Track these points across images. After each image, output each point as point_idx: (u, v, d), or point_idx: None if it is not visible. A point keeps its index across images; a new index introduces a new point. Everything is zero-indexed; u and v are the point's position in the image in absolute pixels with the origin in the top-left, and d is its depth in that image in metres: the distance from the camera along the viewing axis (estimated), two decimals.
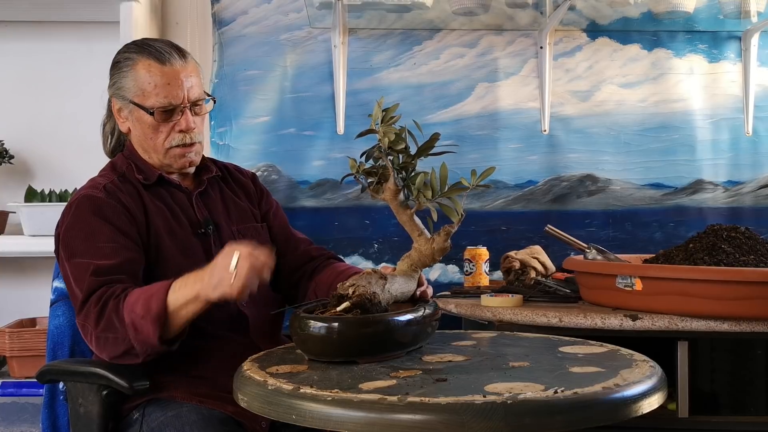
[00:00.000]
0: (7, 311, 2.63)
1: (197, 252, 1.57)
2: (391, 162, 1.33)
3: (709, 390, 2.09)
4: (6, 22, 2.74)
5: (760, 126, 2.79)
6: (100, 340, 1.41)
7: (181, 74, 1.57)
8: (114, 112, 1.65)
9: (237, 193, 1.75)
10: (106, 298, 1.41)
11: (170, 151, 1.60)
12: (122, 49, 1.64)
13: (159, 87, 1.55)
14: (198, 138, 1.62)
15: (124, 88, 1.59)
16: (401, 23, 2.76)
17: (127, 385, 1.43)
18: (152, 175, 1.62)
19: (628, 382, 1.07)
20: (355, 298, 1.26)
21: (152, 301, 1.36)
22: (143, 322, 1.36)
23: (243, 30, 2.77)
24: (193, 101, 1.59)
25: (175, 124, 1.58)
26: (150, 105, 1.56)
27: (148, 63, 1.56)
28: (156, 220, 1.57)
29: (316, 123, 2.76)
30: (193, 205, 1.63)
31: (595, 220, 2.77)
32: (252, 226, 1.71)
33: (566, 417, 0.99)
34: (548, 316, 1.94)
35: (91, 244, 1.48)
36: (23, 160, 2.75)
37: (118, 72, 1.61)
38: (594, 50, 2.80)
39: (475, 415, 0.96)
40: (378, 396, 1.02)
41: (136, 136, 1.63)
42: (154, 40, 1.63)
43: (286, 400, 1.07)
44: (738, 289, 1.79)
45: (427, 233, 1.38)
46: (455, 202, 1.32)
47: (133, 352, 1.40)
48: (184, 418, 1.42)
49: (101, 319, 1.40)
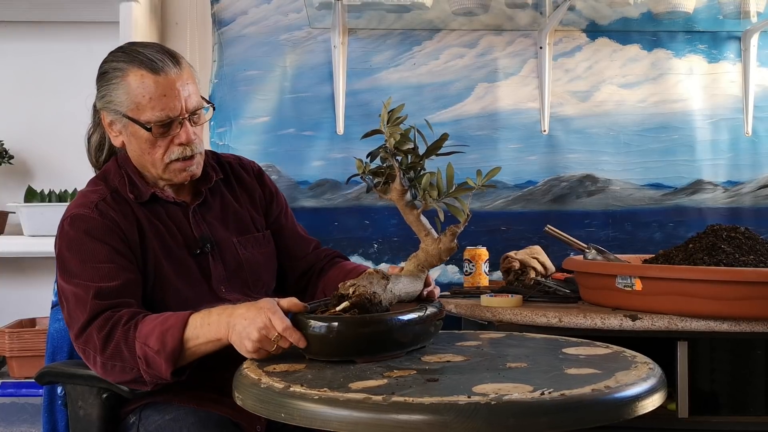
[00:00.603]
0: (7, 311, 2.63)
1: (194, 274, 1.51)
2: (398, 162, 1.33)
3: (709, 390, 2.09)
4: (6, 22, 2.74)
5: (759, 126, 2.79)
6: (107, 366, 1.37)
7: (176, 83, 1.46)
8: (105, 126, 1.54)
9: (239, 198, 1.66)
10: (113, 325, 1.36)
11: (170, 166, 1.50)
12: (108, 58, 1.52)
13: (154, 99, 1.44)
14: (199, 149, 1.52)
15: (115, 102, 1.48)
16: (401, 23, 2.75)
17: (127, 389, 1.43)
18: (145, 193, 1.53)
19: (620, 385, 1.07)
20: (354, 298, 1.26)
21: (168, 337, 1.32)
22: (157, 358, 1.32)
23: (243, 30, 2.77)
24: (191, 111, 1.49)
25: (174, 137, 1.48)
26: (146, 119, 1.45)
27: (140, 73, 1.44)
28: (152, 240, 1.50)
29: (315, 123, 2.76)
30: (189, 222, 1.56)
31: (594, 221, 2.76)
32: (252, 237, 1.63)
33: (552, 418, 0.98)
34: (548, 316, 1.94)
35: (88, 265, 1.42)
36: (23, 160, 2.75)
37: (107, 84, 1.49)
38: (594, 50, 2.80)
39: (458, 415, 0.96)
40: (363, 395, 1.02)
41: (132, 151, 1.53)
42: (143, 46, 1.50)
43: (277, 398, 1.08)
44: (738, 289, 1.79)
45: (434, 233, 1.38)
46: (461, 202, 1.32)
47: (141, 380, 1.37)
48: (182, 421, 1.41)
49: (108, 346, 1.36)
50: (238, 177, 1.69)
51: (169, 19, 2.79)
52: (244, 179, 1.69)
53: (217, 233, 1.58)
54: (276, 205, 1.72)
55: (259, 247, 1.63)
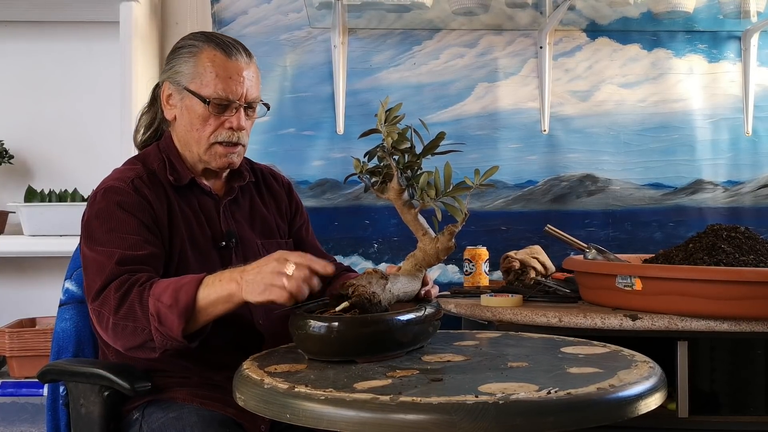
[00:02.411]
0: (7, 311, 2.63)
1: (215, 264, 1.52)
2: (395, 161, 1.33)
3: (709, 390, 2.09)
4: (6, 22, 2.74)
5: (759, 126, 2.79)
6: (118, 327, 1.36)
7: (244, 71, 1.54)
8: (162, 99, 1.59)
9: (267, 204, 1.70)
10: (130, 285, 1.36)
11: (213, 147, 1.55)
12: (188, 36, 1.60)
13: (220, 78, 1.52)
14: (244, 140, 1.58)
15: (181, 73, 1.55)
16: (401, 23, 2.76)
17: (129, 387, 1.42)
18: (185, 177, 1.57)
19: (624, 383, 1.07)
20: (354, 298, 1.26)
21: (181, 293, 1.32)
22: (169, 313, 1.31)
23: (243, 30, 2.77)
24: (249, 102, 1.56)
25: (226, 120, 1.54)
26: (207, 94, 1.52)
27: (214, 53, 1.53)
28: (180, 225, 1.52)
29: (315, 123, 2.76)
30: (219, 215, 1.59)
31: (594, 220, 2.77)
32: (276, 242, 1.66)
33: (558, 417, 0.98)
34: (548, 316, 1.94)
35: (115, 235, 1.43)
36: (23, 160, 2.75)
37: (178, 57, 1.57)
38: (594, 50, 2.80)
39: (466, 415, 0.96)
40: (370, 395, 1.02)
41: (180, 126, 1.58)
42: (222, 34, 1.60)
43: (281, 399, 1.07)
44: (738, 289, 1.79)
45: (431, 232, 1.37)
46: (459, 201, 1.32)
47: (151, 345, 1.35)
48: (185, 420, 1.41)
49: (122, 306, 1.35)
50: (269, 184, 1.74)
51: (169, 19, 2.79)
52: (273, 187, 1.74)
53: (243, 232, 1.61)
54: (299, 218, 1.76)
55: None
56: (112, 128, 2.55)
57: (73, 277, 1.71)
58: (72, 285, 1.70)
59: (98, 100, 2.71)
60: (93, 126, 2.74)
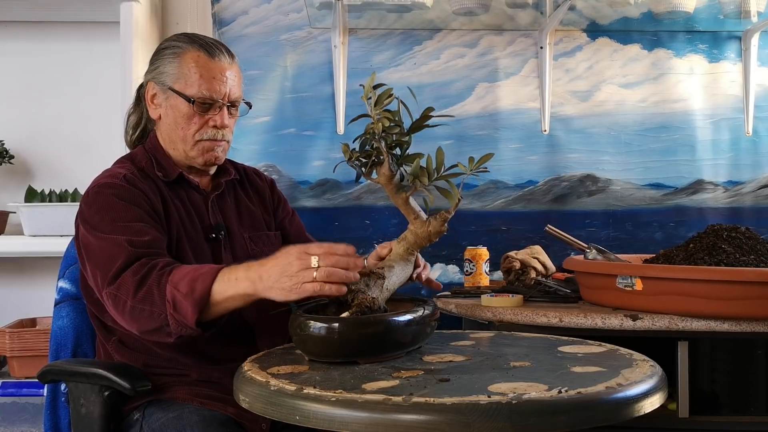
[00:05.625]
0: (7, 311, 2.63)
1: (206, 256, 1.56)
2: (385, 143, 1.32)
3: (709, 390, 2.09)
4: (6, 22, 2.74)
5: (760, 126, 2.79)
6: (135, 311, 1.36)
7: (227, 71, 1.58)
8: (147, 99, 1.63)
9: (252, 199, 1.74)
10: (149, 269, 1.37)
11: (199, 144, 1.59)
12: (171, 37, 1.65)
13: (204, 78, 1.56)
14: (228, 137, 1.63)
15: (165, 74, 1.59)
16: (401, 23, 2.75)
17: (129, 386, 1.42)
18: (172, 172, 1.60)
19: (630, 382, 1.08)
20: (355, 307, 1.27)
21: (198, 283, 1.32)
22: (184, 302, 1.32)
23: (243, 30, 2.77)
24: (232, 101, 1.60)
25: (210, 118, 1.58)
26: (191, 94, 1.56)
27: (197, 54, 1.57)
28: (174, 216, 1.56)
29: (316, 123, 2.76)
30: (207, 208, 1.63)
31: (595, 220, 2.77)
32: (264, 234, 1.70)
33: (570, 417, 0.99)
34: (548, 316, 1.94)
35: (119, 224, 1.45)
36: (23, 160, 2.75)
37: (162, 57, 1.61)
38: (594, 50, 2.80)
39: (481, 415, 0.96)
40: (383, 396, 1.02)
41: (165, 125, 1.61)
42: (205, 36, 1.64)
43: (290, 401, 1.07)
44: (738, 289, 1.79)
45: (423, 215, 1.38)
46: (452, 186, 1.32)
47: (167, 330, 1.35)
48: (185, 420, 1.41)
49: (140, 290, 1.35)
50: (251, 180, 1.78)
51: (169, 19, 2.79)
52: (256, 183, 1.79)
53: (231, 225, 1.65)
54: (282, 211, 1.80)
55: (270, 246, 1.66)
56: (112, 128, 2.52)
57: (66, 275, 1.71)
58: (65, 283, 1.70)
59: (99, 100, 2.71)
60: (93, 126, 2.74)
